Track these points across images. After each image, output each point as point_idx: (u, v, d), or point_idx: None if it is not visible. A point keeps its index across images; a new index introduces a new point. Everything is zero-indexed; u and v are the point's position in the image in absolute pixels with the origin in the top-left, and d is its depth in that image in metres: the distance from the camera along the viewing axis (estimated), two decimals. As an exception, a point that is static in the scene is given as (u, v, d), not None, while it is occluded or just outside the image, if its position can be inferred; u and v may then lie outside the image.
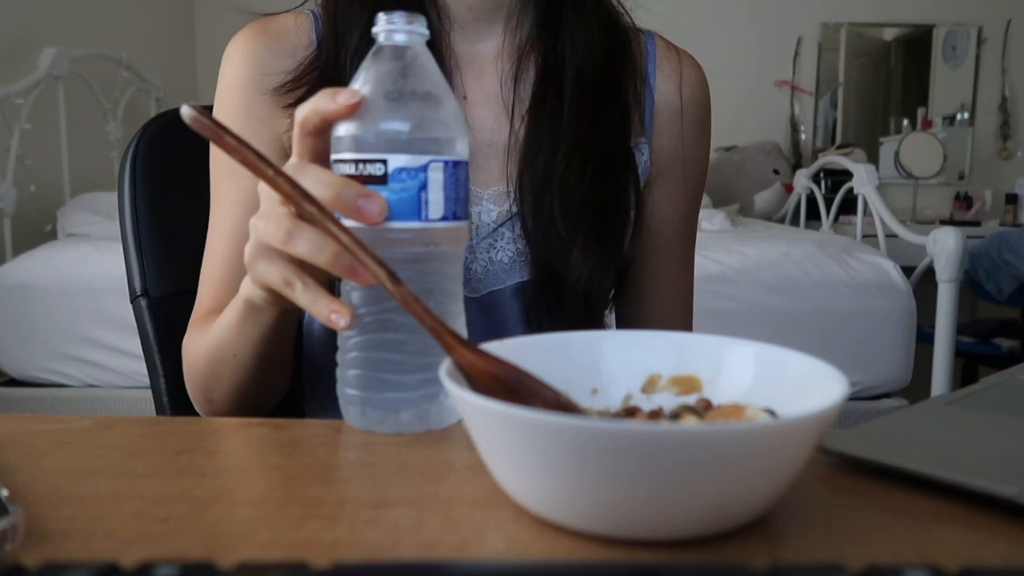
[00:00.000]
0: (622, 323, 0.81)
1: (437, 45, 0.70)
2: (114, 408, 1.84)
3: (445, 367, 0.37)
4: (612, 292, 0.75)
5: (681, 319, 0.81)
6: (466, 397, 0.32)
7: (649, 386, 0.44)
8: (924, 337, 2.10)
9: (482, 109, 0.72)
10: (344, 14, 0.69)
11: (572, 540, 0.32)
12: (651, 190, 0.77)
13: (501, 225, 0.70)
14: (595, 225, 0.70)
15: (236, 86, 0.70)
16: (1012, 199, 3.58)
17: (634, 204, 0.73)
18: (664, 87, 0.77)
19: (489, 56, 0.73)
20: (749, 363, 0.42)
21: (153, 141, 0.84)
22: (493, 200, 0.71)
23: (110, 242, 1.99)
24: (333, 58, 0.69)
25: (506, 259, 0.70)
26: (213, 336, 0.62)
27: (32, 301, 1.93)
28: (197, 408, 0.69)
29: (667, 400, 0.43)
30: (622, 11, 0.75)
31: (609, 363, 0.44)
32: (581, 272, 0.68)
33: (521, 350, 0.41)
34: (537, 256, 0.69)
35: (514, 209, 0.70)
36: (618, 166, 0.73)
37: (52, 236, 2.45)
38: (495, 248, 0.70)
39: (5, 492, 0.32)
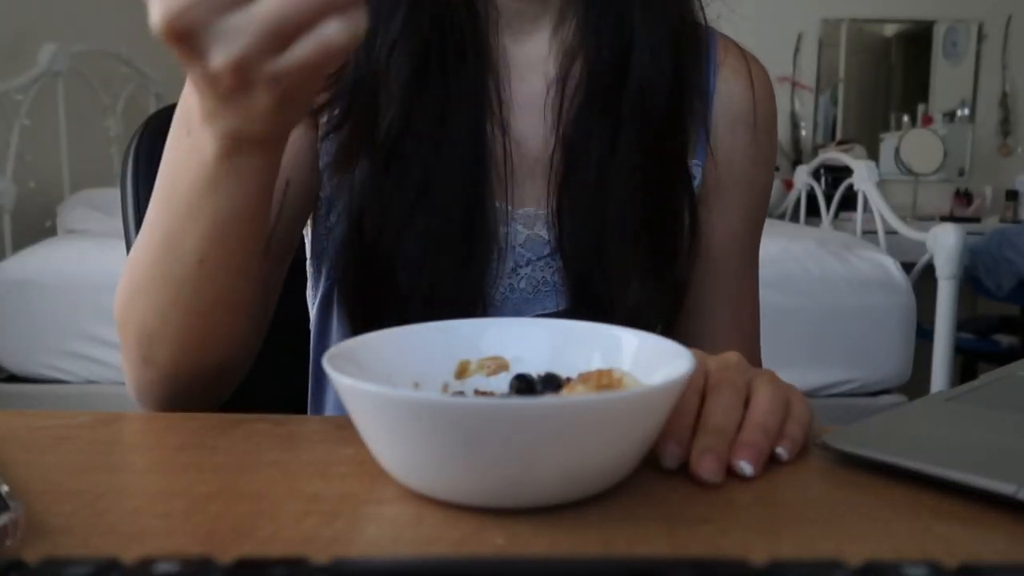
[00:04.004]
0: None
1: (485, 43, 0.63)
2: (114, 404, 1.84)
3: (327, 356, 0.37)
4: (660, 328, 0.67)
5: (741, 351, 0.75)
6: (347, 382, 0.34)
7: (462, 372, 0.45)
8: (924, 334, 2.10)
9: (524, 119, 0.64)
10: (378, 5, 0.59)
11: (571, 537, 0.32)
12: (704, 209, 0.68)
13: (541, 260, 0.63)
14: (651, 256, 0.63)
15: None
16: (1012, 195, 3.58)
17: (689, 228, 0.65)
18: (726, 93, 0.68)
19: (537, 58, 0.65)
20: (543, 337, 0.45)
21: (155, 137, 0.83)
22: (522, 221, 0.64)
23: (110, 238, 1.99)
24: (367, 56, 0.60)
25: (528, 287, 0.64)
26: (154, 241, 0.49)
27: (32, 297, 1.93)
28: (132, 378, 0.56)
29: (483, 382, 0.45)
30: (695, 5, 0.66)
31: (422, 356, 0.44)
32: (631, 308, 0.61)
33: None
34: (575, 286, 0.63)
35: (544, 234, 0.64)
36: (676, 187, 0.65)
37: (52, 232, 2.44)
38: (516, 275, 0.64)
39: (5, 488, 0.32)
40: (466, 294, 0.61)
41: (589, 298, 0.63)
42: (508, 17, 0.64)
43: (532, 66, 0.65)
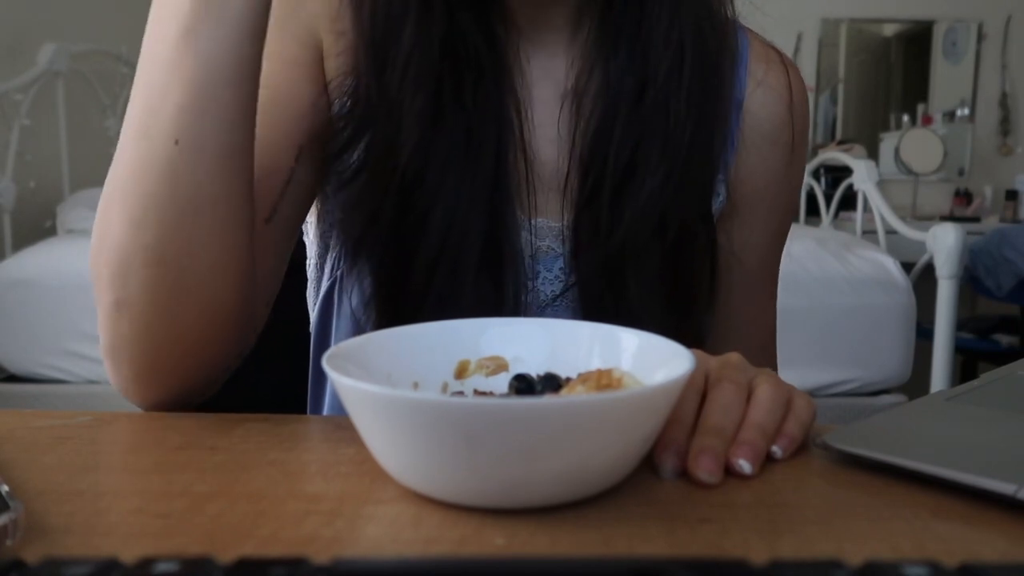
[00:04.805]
0: None
1: (503, 59, 0.60)
2: (114, 404, 1.83)
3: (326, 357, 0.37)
4: None
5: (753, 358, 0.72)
6: (347, 383, 0.33)
7: (461, 372, 0.45)
8: (924, 333, 2.10)
9: (539, 131, 0.62)
10: (383, 27, 0.57)
11: (571, 537, 0.32)
12: (725, 224, 0.66)
13: (552, 271, 0.62)
14: (670, 300, 0.60)
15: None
16: (1012, 195, 3.58)
17: (711, 270, 0.63)
18: (760, 107, 0.65)
19: (551, 66, 0.62)
20: (543, 337, 0.45)
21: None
22: (535, 232, 0.62)
23: (110, 238, 1.99)
24: (374, 83, 0.56)
25: (539, 300, 0.62)
26: (130, 129, 0.46)
27: (32, 297, 1.93)
28: (107, 341, 0.50)
29: (482, 382, 0.44)
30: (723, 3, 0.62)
31: (422, 356, 0.44)
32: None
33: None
34: (587, 303, 0.61)
35: (557, 247, 0.62)
36: (700, 223, 0.62)
37: (52, 232, 2.45)
38: (527, 288, 0.61)
39: (5, 488, 0.32)
40: (490, 311, 0.59)
41: (601, 316, 0.62)
42: (522, 27, 0.61)
43: (547, 76, 0.62)
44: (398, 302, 0.59)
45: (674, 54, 0.59)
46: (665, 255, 0.60)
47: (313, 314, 0.71)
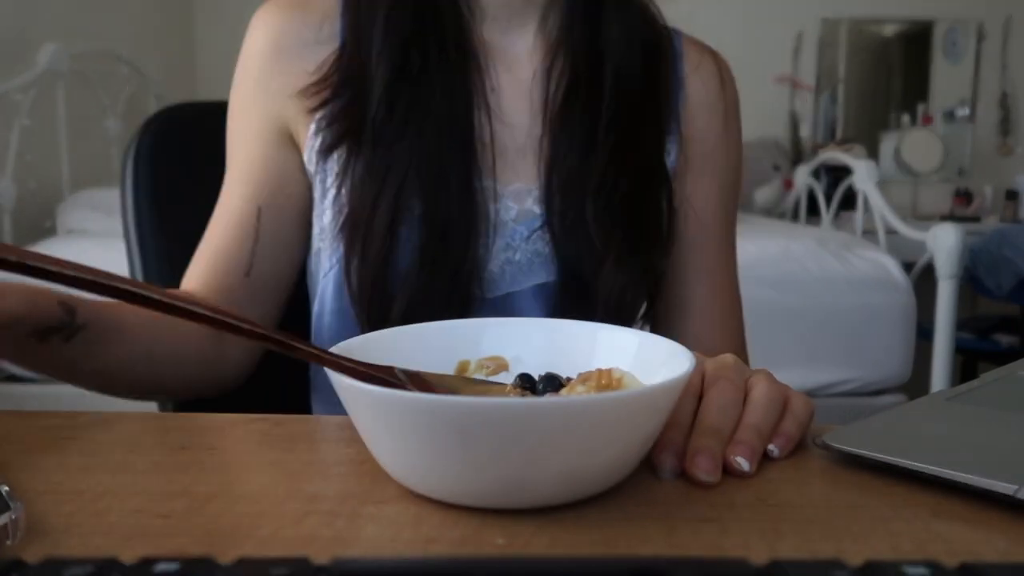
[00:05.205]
0: (656, 331, 0.75)
1: (467, 38, 0.68)
2: (114, 404, 1.83)
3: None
4: (645, 306, 0.73)
5: (721, 326, 0.76)
6: (346, 382, 0.34)
7: (461, 372, 0.45)
8: (924, 333, 2.10)
9: (512, 104, 0.69)
10: (366, 8, 0.67)
11: (571, 537, 0.32)
12: (679, 185, 0.73)
13: (533, 233, 0.68)
14: (630, 235, 0.67)
15: (253, 54, 0.69)
16: (1012, 195, 3.58)
17: (667, 215, 0.70)
18: (696, 80, 0.74)
19: (523, 51, 0.71)
20: (543, 337, 0.46)
21: (156, 137, 0.84)
22: (512, 197, 0.68)
23: (109, 238, 1.98)
24: (355, 55, 0.66)
25: (524, 260, 0.67)
26: None
27: (32, 297, 1.93)
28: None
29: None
30: (655, 10, 0.73)
31: (422, 355, 0.45)
32: (613, 286, 0.65)
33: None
34: (564, 259, 0.67)
35: (536, 209, 0.68)
36: (654, 172, 0.70)
37: (52, 232, 2.44)
38: (512, 248, 0.67)
39: (5, 488, 0.32)
40: (463, 268, 0.64)
41: (576, 271, 0.66)
42: (494, 12, 0.69)
43: (519, 57, 0.70)
44: (366, 246, 0.64)
45: (625, 36, 0.69)
46: (626, 195, 0.67)
47: (313, 316, 0.71)
